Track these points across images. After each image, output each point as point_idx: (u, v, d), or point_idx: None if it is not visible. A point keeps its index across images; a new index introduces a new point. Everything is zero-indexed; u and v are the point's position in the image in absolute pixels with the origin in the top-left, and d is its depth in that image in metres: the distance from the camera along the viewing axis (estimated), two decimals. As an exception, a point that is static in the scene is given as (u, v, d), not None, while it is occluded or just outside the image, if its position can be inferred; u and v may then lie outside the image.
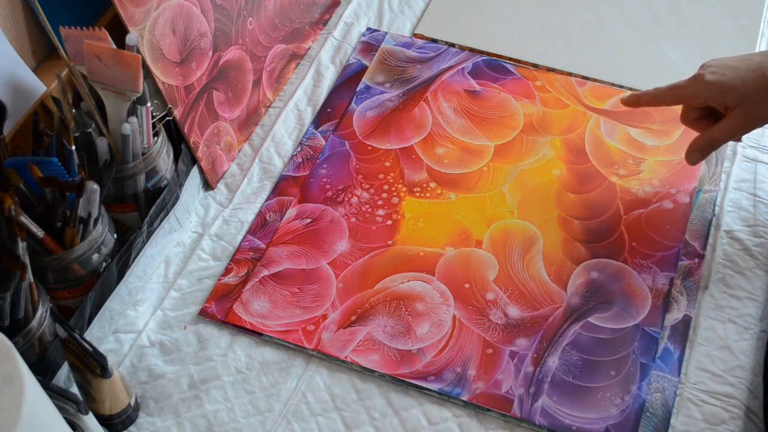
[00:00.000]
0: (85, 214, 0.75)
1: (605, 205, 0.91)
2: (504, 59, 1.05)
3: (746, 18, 1.07)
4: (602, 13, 1.09)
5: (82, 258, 0.76)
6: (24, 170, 0.72)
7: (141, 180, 0.83)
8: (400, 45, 1.07)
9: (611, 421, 0.76)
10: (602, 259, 0.86)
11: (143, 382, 0.80)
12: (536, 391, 0.78)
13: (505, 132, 0.98)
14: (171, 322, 0.84)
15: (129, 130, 0.79)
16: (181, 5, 0.86)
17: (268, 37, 1.00)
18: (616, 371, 0.79)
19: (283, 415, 0.78)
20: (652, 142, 0.95)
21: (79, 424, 0.67)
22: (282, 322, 0.83)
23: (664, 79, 1.01)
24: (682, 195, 0.91)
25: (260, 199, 0.93)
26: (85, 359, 0.69)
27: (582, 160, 0.95)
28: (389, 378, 0.79)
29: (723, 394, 0.77)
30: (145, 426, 0.77)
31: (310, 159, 0.96)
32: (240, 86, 0.97)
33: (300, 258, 0.88)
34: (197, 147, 0.91)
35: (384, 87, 1.03)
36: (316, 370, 0.80)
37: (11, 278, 0.67)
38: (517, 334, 0.81)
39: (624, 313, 0.82)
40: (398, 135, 0.98)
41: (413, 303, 0.84)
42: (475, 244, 0.88)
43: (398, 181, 0.93)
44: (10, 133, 0.78)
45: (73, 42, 0.78)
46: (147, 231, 0.84)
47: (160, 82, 0.85)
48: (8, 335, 0.60)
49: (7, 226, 0.67)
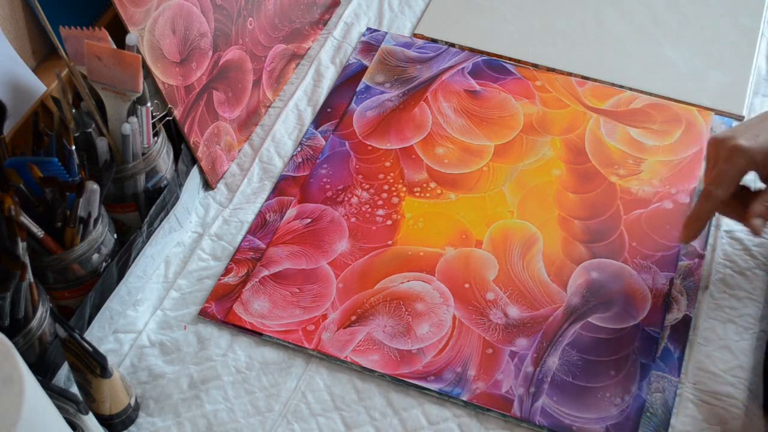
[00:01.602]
0: (85, 214, 0.75)
1: (605, 205, 0.91)
2: (504, 59, 1.05)
3: (746, 18, 1.07)
4: (602, 13, 1.09)
5: (82, 258, 0.76)
6: (24, 170, 0.72)
7: (141, 180, 0.83)
8: (400, 45, 1.07)
9: (611, 421, 0.76)
10: (602, 259, 0.86)
11: (143, 382, 0.80)
12: (536, 391, 0.78)
13: (505, 132, 0.98)
14: (171, 322, 0.84)
15: (129, 130, 0.79)
16: (181, 5, 0.86)
17: (268, 37, 1.00)
18: (616, 371, 0.79)
19: (283, 415, 0.78)
20: (652, 142, 0.95)
21: (79, 424, 0.67)
22: (282, 322, 0.83)
23: (664, 79, 1.01)
24: (682, 195, 0.91)
25: (260, 199, 0.93)
26: (85, 359, 0.69)
27: (582, 160, 0.95)
28: (389, 378, 0.79)
29: (723, 394, 0.77)
30: (145, 426, 0.77)
31: (310, 159, 0.96)
32: (240, 86, 0.97)
33: (300, 258, 0.88)
34: (197, 147, 0.91)
35: (384, 87, 1.03)
36: (316, 370, 0.80)
37: (11, 278, 0.67)
38: (517, 334, 0.81)
39: (624, 313, 0.82)
40: (398, 135, 0.98)
41: (413, 303, 0.84)
42: (475, 244, 0.88)
43: (398, 181, 0.93)
44: (10, 133, 0.78)
45: (73, 42, 0.78)
46: (147, 231, 0.84)
47: (160, 82, 0.85)
48: (8, 335, 0.60)
49: (7, 226, 0.67)
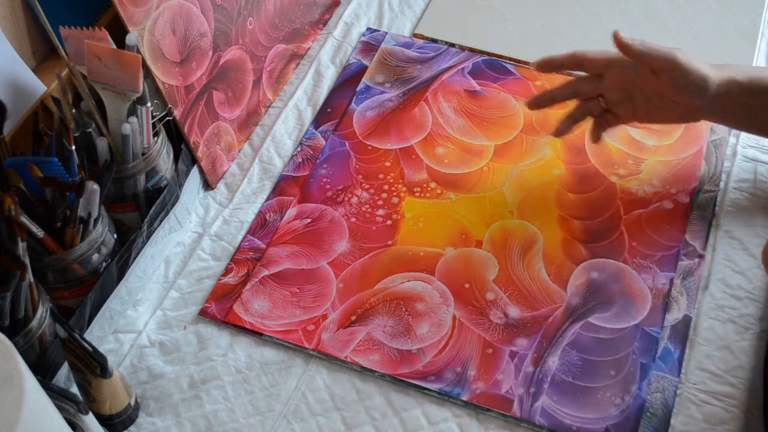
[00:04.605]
0: (85, 214, 0.75)
1: (605, 205, 0.91)
2: (504, 59, 1.05)
3: (746, 18, 1.07)
4: (602, 13, 1.09)
5: (82, 258, 0.76)
6: (24, 170, 0.72)
7: (141, 180, 0.83)
8: (400, 45, 1.07)
9: (611, 421, 0.76)
10: (602, 259, 0.86)
11: (143, 382, 0.80)
12: (536, 391, 0.78)
13: (505, 132, 0.98)
14: (171, 322, 0.84)
15: (129, 130, 0.79)
16: (181, 5, 0.86)
17: (268, 37, 1.00)
18: (616, 371, 0.79)
19: (283, 415, 0.78)
20: (652, 142, 0.95)
21: (79, 424, 0.67)
22: (282, 322, 0.83)
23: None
24: (682, 195, 0.91)
25: (260, 199, 0.93)
26: (85, 359, 0.69)
27: (582, 160, 0.95)
28: (389, 378, 0.79)
29: (723, 394, 0.77)
30: (145, 426, 0.77)
31: (310, 159, 0.96)
32: (240, 86, 0.97)
33: (300, 258, 0.88)
34: (197, 147, 0.91)
35: (384, 87, 1.03)
36: (316, 370, 0.80)
37: (11, 278, 0.67)
38: (517, 334, 0.81)
39: (624, 313, 0.82)
40: (398, 135, 0.98)
41: (413, 303, 0.84)
42: (475, 244, 0.88)
43: (398, 181, 0.93)
44: (10, 133, 0.78)
45: (73, 42, 0.78)
46: (147, 231, 0.84)
47: (160, 82, 0.85)
48: (8, 335, 0.60)
49: (7, 226, 0.67)
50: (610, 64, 0.85)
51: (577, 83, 0.88)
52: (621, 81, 0.85)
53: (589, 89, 0.87)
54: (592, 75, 0.87)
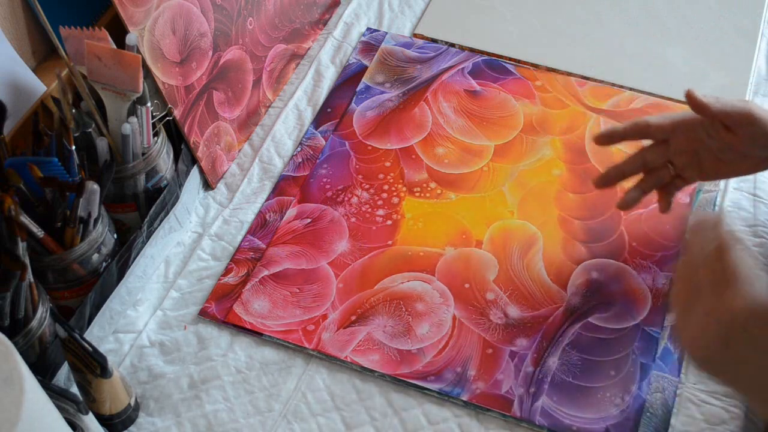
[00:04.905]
0: (85, 214, 0.75)
1: (605, 205, 0.91)
2: (504, 59, 1.05)
3: (746, 18, 1.07)
4: (602, 13, 1.09)
5: (82, 258, 0.76)
6: (24, 170, 0.72)
7: (141, 180, 0.83)
8: (400, 45, 1.07)
9: (611, 421, 0.76)
10: (602, 259, 0.86)
11: (143, 382, 0.80)
12: (536, 391, 0.78)
13: (505, 132, 0.98)
14: (171, 322, 0.84)
15: (129, 130, 0.79)
16: (181, 5, 0.86)
17: (268, 37, 1.00)
18: (616, 371, 0.79)
19: (283, 415, 0.78)
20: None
21: (79, 424, 0.67)
22: (282, 322, 0.83)
23: (664, 79, 1.01)
24: (682, 195, 0.90)
25: (260, 199, 0.93)
26: (85, 359, 0.69)
27: (582, 160, 0.95)
28: (389, 378, 0.79)
29: (723, 394, 0.77)
30: (145, 426, 0.77)
31: (310, 159, 0.96)
32: (240, 86, 0.97)
33: (300, 258, 0.88)
34: (197, 147, 0.91)
35: (384, 87, 1.03)
36: (316, 370, 0.80)
37: (11, 278, 0.67)
38: (517, 334, 0.81)
39: (624, 313, 0.82)
40: (398, 135, 0.98)
41: (413, 303, 0.84)
42: (475, 244, 0.88)
43: (398, 181, 0.93)
44: (10, 133, 0.78)
45: (73, 42, 0.78)
46: (147, 231, 0.84)
47: (160, 82, 0.85)
48: (8, 335, 0.60)
49: (7, 226, 0.67)
50: (676, 126, 0.80)
51: (645, 154, 0.82)
52: (688, 142, 0.80)
53: (658, 158, 0.82)
54: (658, 142, 0.82)
